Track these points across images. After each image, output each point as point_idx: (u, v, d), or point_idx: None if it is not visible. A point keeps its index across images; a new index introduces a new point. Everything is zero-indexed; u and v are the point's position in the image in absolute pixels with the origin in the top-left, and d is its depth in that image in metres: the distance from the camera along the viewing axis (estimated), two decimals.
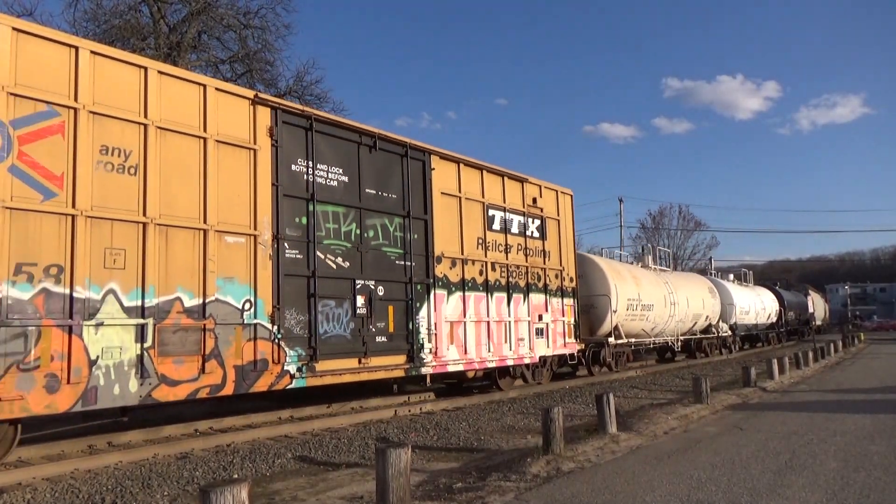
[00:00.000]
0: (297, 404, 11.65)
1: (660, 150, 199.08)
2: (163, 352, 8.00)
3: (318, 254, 10.11)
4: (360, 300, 10.67)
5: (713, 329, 27.44)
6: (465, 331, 12.82)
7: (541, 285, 15.28)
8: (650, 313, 21.24)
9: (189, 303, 8.35)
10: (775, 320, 38.04)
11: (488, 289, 13.56)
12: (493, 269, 13.81)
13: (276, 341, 9.30)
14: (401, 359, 11.35)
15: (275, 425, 10.08)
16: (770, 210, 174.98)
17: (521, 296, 14.56)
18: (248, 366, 8.92)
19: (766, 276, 66.52)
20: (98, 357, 7.41)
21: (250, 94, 9.53)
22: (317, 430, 9.98)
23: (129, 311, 7.74)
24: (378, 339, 10.93)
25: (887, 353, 30.33)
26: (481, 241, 13.61)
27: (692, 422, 10.53)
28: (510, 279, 14.25)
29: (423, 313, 11.85)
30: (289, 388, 9.47)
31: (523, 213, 14.99)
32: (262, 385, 9.09)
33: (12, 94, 7.04)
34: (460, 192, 13.17)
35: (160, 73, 8.42)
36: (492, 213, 14.00)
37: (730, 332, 29.06)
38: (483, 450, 8.59)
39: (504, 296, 14.02)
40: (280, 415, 11.06)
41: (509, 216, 14.52)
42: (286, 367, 9.40)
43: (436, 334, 12.04)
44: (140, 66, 8.24)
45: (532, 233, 15.25)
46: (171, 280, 8.19)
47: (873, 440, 8.75)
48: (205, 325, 8.45)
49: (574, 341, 16.41)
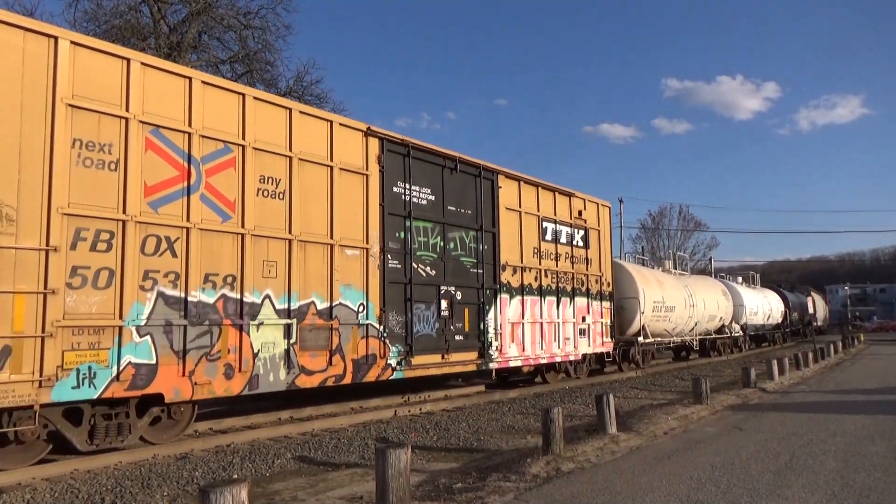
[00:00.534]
0: (297, 405, 11.78)
1: (660, 150, 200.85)
2: (302, 347, 9.64)
3: (413, 263, 11.73)
4: (443, 304, 12.31)
5: (726, 329, 29.16)
6: (524, 330, 14.48)
7: (584, 290, 16.93)
8: (672, 314, 22.91)
9: (321, 306, 9.98)
10: (780, 321, 39.74)
11: (541, 293, 15.21)
12: (546, 275, 15.44)
13: (382, 339, 10.95)
14: (473, 355, 13.01)
15: (275, 426, 10.05)
16: (770, 210, 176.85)
17: (568, 299, 16.21)
18: (361, 359, 10.57)
19: (767, 276, 67.66)
20: (259, 350, 9.05)
21: (363, 126, 11.11)
22: (316, 430, 9.97)
23: (279, 313, 9.37)
24: (457, 337, 12.58)
25: (887, 354, 30.75)
26: (536, 250, 15.24)
27: (692, 422, 10.54)
28: (559, 284, 15.90)
29: (490, 315, 13.49)
30: (391, 378, 11.13)
31: (570, 225, 16.61)
32: (371, 376, 10.75)
33: (201, 135, 8.62)
34: (520, 206, 14.78)
35: (301, 112, 10.01)
36: (545, 225, 15.62)
37: (741, 332, 30.79)
38: (483, 450, 8.62)
39: (554, 299, 15.68)
40: (280, 415, 11.10)
41: (559, 227, 16.14)
42: (389, 361, 11.05)
43: (501, 333, 13.70)
44: (286, 108, 9.82)
45: (577, 242, 16.88)
46: (308, 287, 9.82)
47: (873, 441, 8.80)
48: (332, 324, 10.09)
49: (610, 340, 18.10)
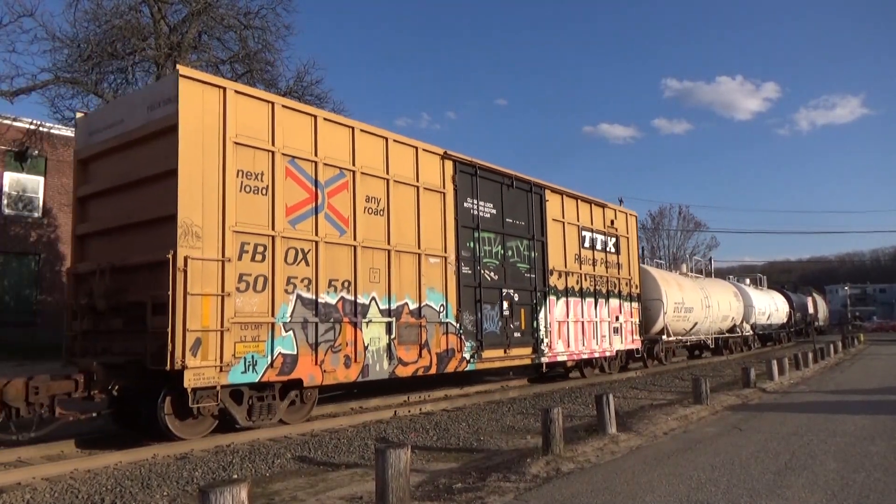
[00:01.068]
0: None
1: (660, 150, 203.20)
2: (399, 341, 11.31)
3: (481, 269, 13.41)
4: (505, 304, 13.99)
5: (737, 329, 30.89)
6: (568, 328, 16.17)
7: (616, 292, 18.63)
8: (690, 314, 24.62)
9: (412, 306, 11.65)
10: (785, 320, 41.50)
11: (582, 295, 16.90)
12: (585, 279, 17.14)
13: (459, 335, 12.62)
14: (528, 350, 14.69)
15: (275, 426, 9.88)
16: (770, 210, 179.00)
17: (604, 300, 17.91)
18: (443, 353, 12.23)
19: (767, 276, 68.71)
20: (368, 344, 10.72)
21: (441, 151, 12.79)
22: (316, 430, 9.95)
23: (382, 312, 11.04)
24: (515, 334, 14.26)
25: (887, 354, 31.00)
26: (577, 256, 16.94)
27: (692, 422, 10.57)
28: (596, 287, 17.59)
29: (541, 315, 15.18)
30: (466, 370, 12.81)
31: (604, 233, 18.32)
32: (450, 367, 12.41)
33: (324, 164, 10.30)
34: (563, 217, 16.48)
35: (395, 141, 11.68)
36: (584, 233, 17.33)
37: (751, 332, 32.53)
38: (483, 450, 8.64)
39: (592, 300, 17.37)
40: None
41: (595, 236, 17.85)
42: (464, 355, 12.72)
43: (550, 331, 15.39)
44: (383, 137, 11.50)
45: (610, 248, 18.58)
46: (402, 290, 11.48)
47: (873, 441, 8.79)
48: (420, 322, 11.76)
49: (639, 338, 19.81)
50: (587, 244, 17.46)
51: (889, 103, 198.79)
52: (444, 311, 12.36)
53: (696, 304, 25.21)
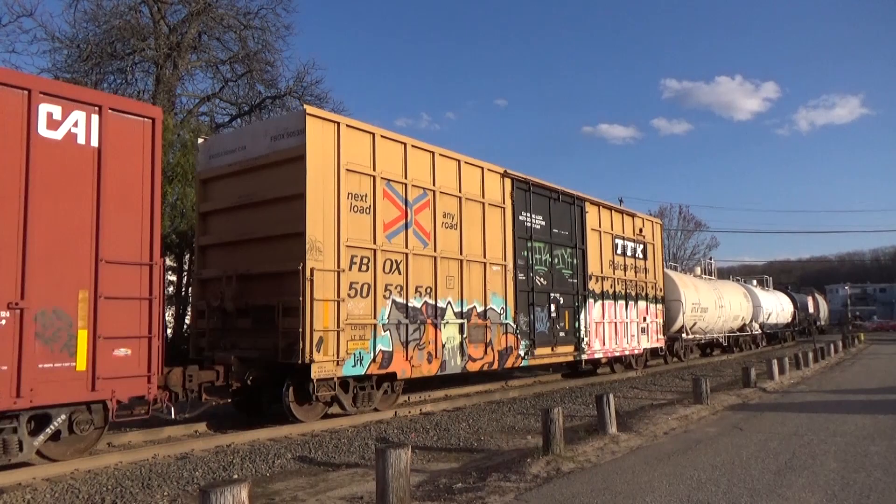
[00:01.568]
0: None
1: (659, 150, 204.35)
2: (470, 340, 12.84)
3: (533, 276, 14.93)
4: (552, 307, 15.53)
5: (747, 328, 32.50)
6: (604, 328, 17.72)
7: (643, 294, 20.18)
8: (706, 315, 26.21)
9: (479, 309, 13.17)
10: (790, 320, 43.13)
11: (615, 297, 18.45)
12: (618, 283, 18.68)
13: (516, 335, 14.15)
14: (571, 348, 16.25)
15: (275, 426, 10.01)
16: (770, 210, 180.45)
17: (633, 303, 19.46)
18: (503, 350, 13.77)
19: (768, 276, 69.40)
20: (445, 343, 12.25)
21: (501, 170, 14.29)
22: (317, 430, 10.03)
23: (456, 314, 12.57)
24: (560, 334, 15.80)
25: (887, 354, 31.35)
26: (611, 262, 18.47)
27: (692, 422, 10.61)
28: (627, 290, 19.14)
29: (581, 316, 16.72)
30: (521, 365, 14.35)
31: (633, 240, 19.86)
32: (509, 363, 13.95)
33: (412, 185, 11.80)
34: (600, 227, 18.01)
35: (465, 162, 13.18)
36: (616, 241, 18.86)
37: (759, 331, 34.15)
38: (483, 450, 8.67)
39: (623, 303, 18.92)
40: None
41: (626, 243, 19.38)
42: (520, 352, 14.26)
43: (588, 331, 16.94)
44: (456, 160, 13.00)
45: (638, 255, 20.12)
46: (471, 295, 13.00)
47: (873, 441, 8.82)
48: (486, 323, 13.29)
49: (662, 337, 21.39)
50: (619, 251, 18.99)
51: (888, 103, 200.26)
52: (504, 314, 13.89)
53: (711, 304, 26.79)
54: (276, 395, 10.34)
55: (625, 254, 19.27)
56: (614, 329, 18.30)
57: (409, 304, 11.49)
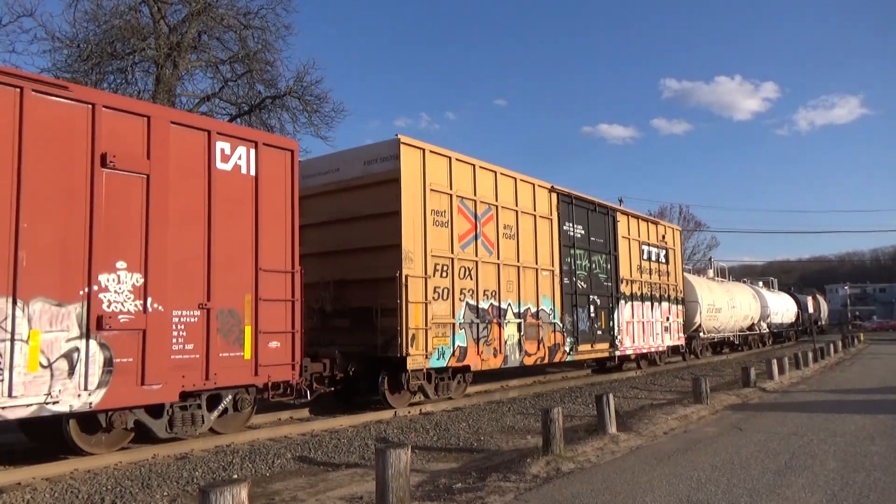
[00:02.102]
0: (297, 406, 11.82)
1: (659, 150, 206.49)
2: (526, 338, 14.49)
3: (575, 280, 16.59)
4: (591, 308, 17.19)
5: (755, 327, 34.22)
6: (633, 328, 19.40)
7: (666, 296, 21.87)
8: (720, 315, 27.91)
9: (533, 310, 14.83)
10: (794, 320, 44.89)
11: (642, 299, 20.13)
12: (644, 286, 20.36)
13: (563, 332, 15.81)
14: (606, 346, 17.91)
15: (275, 426, 10.16)
16: (770, 210, 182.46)
17: (657, 304, 21.14)
18: (552, 347, 15.43)
19: (767, 276, 70.52)
20: (506, 339, 13.89)
21: (549, 185, 15.95)
22: (316, 430, 10.08)
23: (515, 315, 14.21)
24: (598, 332, 17.46)
25: (887, 354, 31.61)
26: (639, 267, 20.16)
27: (692, 422, 10.64)
28: (652, 292, 20.83)
29: (615, 316, 18.39)
30: (566, 360, 16.00)
31: (657, 246, 21.55)
32: (556, 359, 15.61)
33: (480, 201, 13.45)
34: (629, 234, 19.70)
35: (521, 180, 14.84)
36: (643, 247, 20.55)
37: (767, 330, 35.89)
38: (483, 450, 8.68)
39: (649, 304, 20.60)
40: (280, 416, 11.33)
41: (651, 249, 21.07)
42: (565, 349, 15.91)
43: (621, 330, 18.60)
44: (513, 177, 14.65)
45: (661, 260, 21.81)
46: (526, 297, 14.65)
47: (873, 440, 8.82)
48: (538, 322, 14.95)
49: (682, 336, 23.08)
50: (645, 256, 20.68)
51: (888, 103, 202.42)
52: (553, 314, 15.55)
53: (724, 305, 28.50)
54: (369, 385, 11.96)
55: (650, 259, 20.95)
56: (642, 328, 19.97)
57: (479, 306, 13.14)
